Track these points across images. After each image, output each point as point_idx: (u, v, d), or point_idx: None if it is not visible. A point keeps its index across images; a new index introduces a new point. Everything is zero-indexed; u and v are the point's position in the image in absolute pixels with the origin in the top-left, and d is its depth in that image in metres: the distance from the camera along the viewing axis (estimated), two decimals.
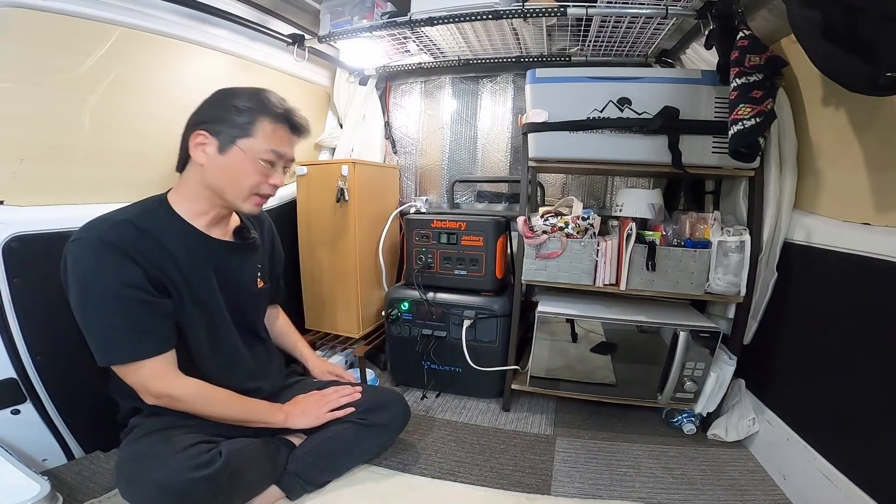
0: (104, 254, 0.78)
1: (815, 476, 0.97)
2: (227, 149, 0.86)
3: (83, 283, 0.78)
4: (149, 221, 0.84)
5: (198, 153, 0.87)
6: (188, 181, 0.91)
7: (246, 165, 0.88)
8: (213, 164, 0.87)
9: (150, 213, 0.86)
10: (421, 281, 1.51)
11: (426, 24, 1.32)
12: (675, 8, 1.16)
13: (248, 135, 0.87)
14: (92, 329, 0.80)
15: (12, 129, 0.93)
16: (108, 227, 0.80)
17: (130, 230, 0.81)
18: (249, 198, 0.91)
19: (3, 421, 0.93)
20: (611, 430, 1.36)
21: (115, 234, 0.79)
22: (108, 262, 0.78)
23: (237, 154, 0.87)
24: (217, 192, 0.90)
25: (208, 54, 1.33)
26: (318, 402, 1.06)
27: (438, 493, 1.07)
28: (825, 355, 1.01)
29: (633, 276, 1.23)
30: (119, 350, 0.80)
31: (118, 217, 0.82)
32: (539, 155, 1.27)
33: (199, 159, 0.87)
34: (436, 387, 1.56)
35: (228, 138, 0.86)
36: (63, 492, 0.88)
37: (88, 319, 0.79)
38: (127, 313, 0.79)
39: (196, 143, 0.86)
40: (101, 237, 0.78)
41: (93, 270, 0.78)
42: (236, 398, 0.94)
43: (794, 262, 1.13)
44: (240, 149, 0.86)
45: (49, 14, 0.95)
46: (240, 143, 0.86)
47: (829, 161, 1.05)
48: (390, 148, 2.00)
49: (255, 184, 0.90)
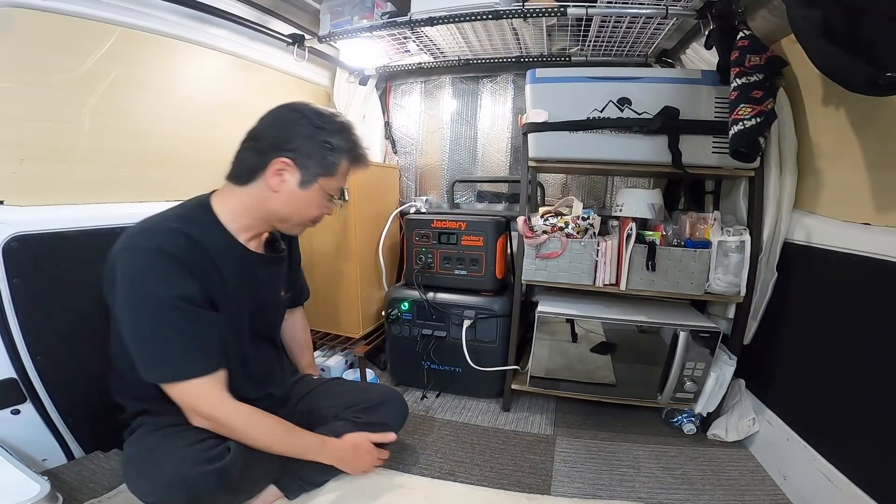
0: (163, 264, 0.75)
1: (815, 476, 0.97)
2: (309, 185, 0.85)
3: (139, 293, 0.75)
4: (198, 232, 0.81)
5: (275, 180, 0.84)
6: (246, 198, 0.87)
7: (318, 201, 0.88)
8: (288, 195, 0.85)
9: (197, 221, 0.83)
10: (421, 281, 1.51)
11: (426, 24, 1.32)
12: (675, 8, 1.16)
13: (332, 174, 0.87)
14: (143, 342, 0.76)
15: (12, 129, 0.93)
16: (166, 237, 0.77)
17: (185, 241, 0.78)
18: (306, 226, 0.93)
19: (3, 421, 0.93)
20: (611, 430, 1.36)
21: (172, 245, 0.76)
22: (167, 273, 0.75)
23: (316, 191, 0.86)
24: (277, 218, 0.89)
25: (208, 54, 1.33)
26: (371, 455, 1.03)
27: (438, 493, 1.07)
28: (825, 355, 1.01)
29: (633, 276, 1.23)
30: (171, 366, 0.77)
31: (170, 225, 0.79)
32: (539, 155, 1.27)
33: (275, 186, 0.84)
34: (436, 387, 1.56)
35: (314, 175, 0.85)
36: (63, 492, 0.87)
37: (140, 332, 0.76)
38: (183, 328, 0.76)
39: (276, 169, 0.83)
40: (161, 247, 0.75)
41: (151, 281, 0.75)
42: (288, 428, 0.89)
43: (794, 262, 1.13)
44: (320, 187, 0.86)
45: (49, 14, 0.95)
46: (322, 181, 0.86)
47: (829, 161, 1.05)
48: (390, 148, 2.00)
49: (318, 217, 0.92)
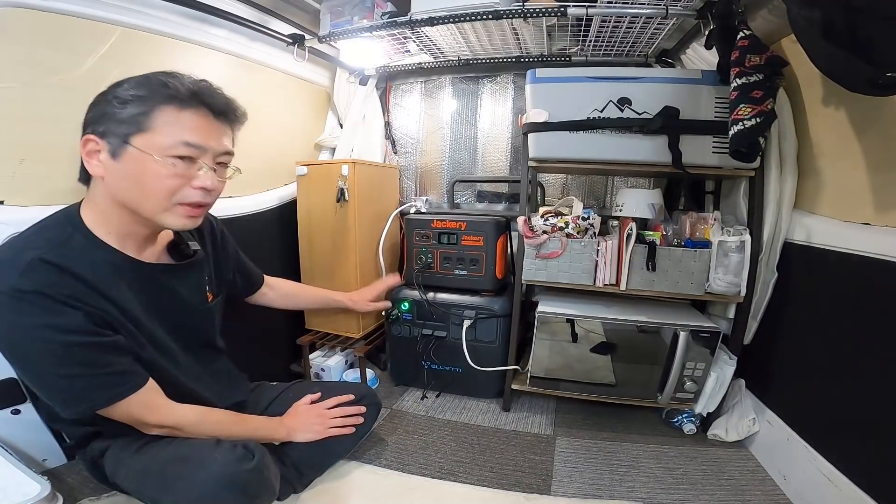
0: (27, 306, 0.64)
1: (816, 476, 0.97)
2: (120, 152, 0.70)
3: (14, 345, 0.67)
4: (65, 256, 0.68)
5: (92, 164, 0.71)
6: (96, 197, 0.76)
7: (150, 167, 0.70)
8: (111, 174, 0.71)
9: (63, 243, 0.70)
10: (421, 281, 1.51)
11: (426, 24, 1.32)
12: (676, 8, 1.16)
13: (143, 129, 0.69)
14: (48, 386, 0.70)
15: (12, 129, 0.93)
16: (18, 275, 0.64)
17: (48, 273, 0.66)
18: (171, 209, 0.75)
19: (3, 421, 0.93)
20: (611, 430, 1.36)
21: (29, 282, 0.64)
22: (36, 313, 0.64)
23: (133, 155, 0.70)
24: (129, 207, 0.74)
25: (208, 54, 1.33)
26: (321, 416, 1.06)
27: (438, 493, 1.07)
28: (825, 355, 1.01)
29: (634, 276, 1.23)
30: (90, 396, 0.70)
31: (24, 257, 0.65)
32: (539, 155, 1.27)
33: (96, 171, 0.71)
34: (436, 387, 1.56)
35: (118, 138, 0.69)
36: (63, 492, 0.88)
37: (38, 379, 0.69)
38: (84, 361, 0.68)
39: (86, 151, 0.71)
40: (15, 287, 0.63)
41: (20, 328, 0.64)
42: (237, 417, 0.93)
43: (794, 262, 1.13)
44: (135, 148, 0.69)
45: (49, 14, 0.95)
46: (134, 140, 0.69)
47: (830, 161, 1.05)
48: (390, 148, 1.99)
49: (171, 189, 0.73)
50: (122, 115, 0.69)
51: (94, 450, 0.86)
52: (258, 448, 0.80)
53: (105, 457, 0.85)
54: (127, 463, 0.82)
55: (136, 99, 0.70)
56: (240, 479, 0.74)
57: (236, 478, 0.74)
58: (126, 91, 0.70)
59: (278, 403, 1.12)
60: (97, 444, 0.86)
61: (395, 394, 1.57)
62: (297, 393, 1.14)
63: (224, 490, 0.72)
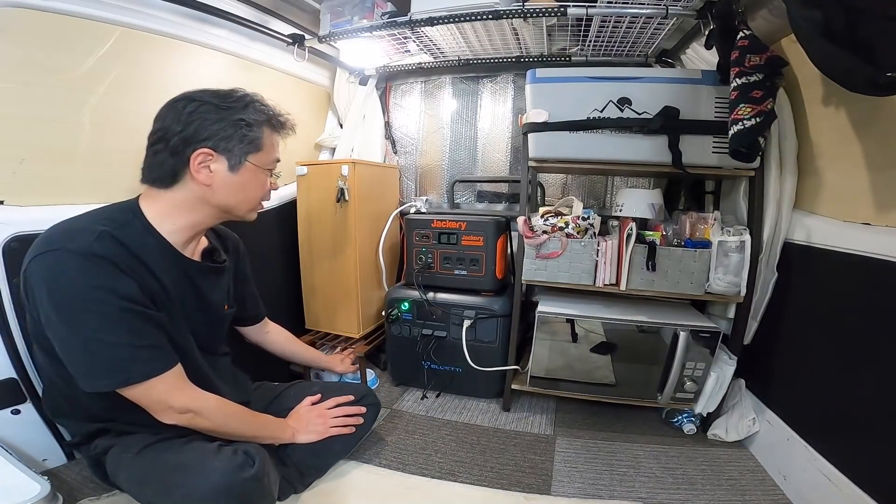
0: (95, 267, 0.70)
1: (815, 476, 0.97)
2: (239, 166, 0.84)
3: (72, 303, 0.70)
4: (126, 235, 0.77)
5: (203, 174, 0.81)
6: (177, 198, 0.84)
7: (258, 179, 0.88)
8: (223, 184, 0.84)
9: (125, 225, 0.78)
10: (421, 281, 1.51)
11: (426, 24, 1.32)
12: (676, 8, 1.16)
13: (259, 149, 0.86)
14: (89, 351, 0.72)
15: (12, 129, 0.93)
16: (93, 239, 0.71)
17: (113, 244, 0.74)
18: (256, 207, 0.93)
19: (3, 421, 0.93)
20: (611, 430, 1.36)
21: (101, 247, 0.72)
22: (102, 275, 0.71)
23: (250, 170, 0.86)
24: (224, 210, 0.88)
25: (208, 54, 1.33)
26: (321, 417, 1.08)
27: (438, 493, 1.07)
28: (825, 355, 1.01)
29: (634, 276, 1.23)
30: (128, 368, 0.73)
31: (96, 228, 0.74)
32: (539, 155, 1.27)
33: (206, 180, 0.82)
34: (436, 387, 1.56)
35: (241, 155, 0.84)
36: (63, 492, 0.88)
37: (85, 343, 0.71)
38: (132, 328, 0.73)
39: (199, 163, 0.81)
40: (89, 249, 0.70)
41: (82, 285, 0.70)
42: (250, 412, 0.95)
43: (794, 262, 1.13)
44: (252, 164, 0.86)
45: (49, 14, 0.95)
46: (251, 158, 0.85)
47: (830, 161, 1.05)
48: (390, 148, 1.99)
49: (264, 194, 0.92)
50: (247, 137, 0.84)
51: (97, 447, 0.86)
52: (259, 453, 0.81)
53: (107, 456, 0.85)
54: (127, 466, 0.82)
55: (254, 123, 0.85)
56: (239, 488, 0.74)
57: (235, 487, 0.74)
58: (247, 115, 0.84)
59: (278, 402, 1.13)
60: (101, 441, 0.86)
61: (395, 394, 1.57)
62: (297, 393, 1.15)
63: (223, 499, 0.73)
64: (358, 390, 1.19)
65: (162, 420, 0.80)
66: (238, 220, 0.93)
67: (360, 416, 1.12)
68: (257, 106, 0.86)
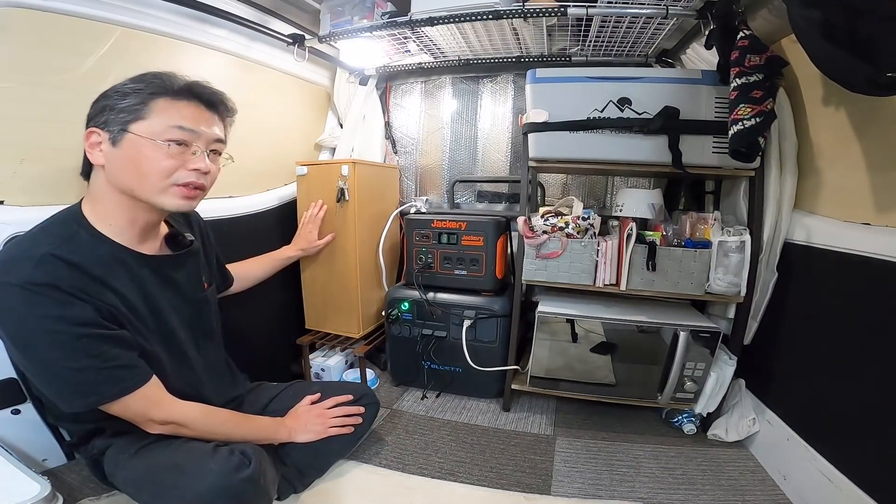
0: (38, 297, 0.66)
1: (815, 476, 0.97)
2: (120, 138, 0.75)
3: (24, 337, 0.68)
4: (73, 251, 0.72)
5: (94, 154, 0.77)
6: (97, 189, 0.80)
7: (146, 151, 0.76)
8: (112, 161, 0.76)
9: (69, 239, 0.74)
10: (421, 281, 1.51)
11: (426, 24, 1.32)
12: (676, 8, 1.16)
13: (141, 117, 0.75)
14: (57, 379, 0.71)
15: (12, 129, 0.93)
16: (32, 267, 0.67)
17: (59, 267, 0.69)
18: (167, 189, 0.79)
19: (3, 421, 0.93)
20: (611, 430, 1.36)
21: (43, 275, 0.67)
22: (48, 305, 0.67)
23: (132, 141, 0.75)
24: (128, 192, 0.78)
25: (208, 54, 1.33)
26: (320, 416, 1.07)
27: (438, 493, 1.07)
28: (825, 355, 1.01)
29: (634, 276, 1.23)
30: (98, 389, 0.72)
31: (36, 252, 0.69)
32: (539, 155, 1.27)
33: (98, 160, 0.77)
34: (436, 387, 1.56)
35: (119, 126, 0.75)
36: (63, 492, 0.87)
37: (48, 372, 0.70)
38: (93, 353, 0.71)
39: (90, 143, 0.76)
40: (31, 279, 0.66)
41: (31, 320, 0.66)
42: (240, 417, 0.94)
43: (794, 263, 1.13)
44: (134, 134, 0.75)
45: (49, 14, 0.95)
46: (132, 128, 0.75)
47: (830, 161, 1.05)
48: (390, 148, 1.99)
49: (166, 170, 0.77)
50: (121, 106, 0.75)
51: (95, 447, 0.86)
52: (255, 454, 0.80)
53: (105, 456, 0.85)
54: (124, 466, 0.82)
55: (134, 91, 0.76)
56: (235, 489, 0.74)
57: (231, 488, 0.74)
58: (125, 85, 0.77)
59: (277, 402, 1.13)
60: (99, 441, 0.86)
61: (394, 394, 1.57)
62: (296, 392, 1.15)
63: (219, 500, 0.72)
64: (357, 390, 1.19)
65: (147, 430, 0.80)
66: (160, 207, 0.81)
67: (359, 415, 1.12)
68: (147, 75, 0.78)
